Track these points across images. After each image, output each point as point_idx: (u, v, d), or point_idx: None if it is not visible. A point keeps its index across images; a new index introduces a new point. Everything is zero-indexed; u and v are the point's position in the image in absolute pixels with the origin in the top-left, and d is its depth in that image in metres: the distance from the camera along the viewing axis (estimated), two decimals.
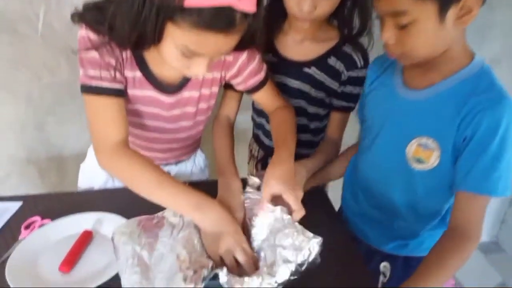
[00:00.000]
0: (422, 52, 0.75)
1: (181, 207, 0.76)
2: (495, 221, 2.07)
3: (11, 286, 0.72)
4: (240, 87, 0.97)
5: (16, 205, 0.98)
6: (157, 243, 0.75)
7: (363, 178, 0.99)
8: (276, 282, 0.64)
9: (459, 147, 0.77)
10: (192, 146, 1.13)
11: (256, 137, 1.28)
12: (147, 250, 0.73)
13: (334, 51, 1.03)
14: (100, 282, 0.74)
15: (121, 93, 0.82)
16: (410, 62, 0.80)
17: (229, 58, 0.89)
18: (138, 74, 0.85)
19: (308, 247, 0.67)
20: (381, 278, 0.88)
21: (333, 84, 1.06)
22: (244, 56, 0.90)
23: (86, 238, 0.85)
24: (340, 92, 1.07)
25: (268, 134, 1.19)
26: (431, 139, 0.80)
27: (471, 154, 0.75)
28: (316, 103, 1.09)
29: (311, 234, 0.69)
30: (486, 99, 0.74)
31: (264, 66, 0.95)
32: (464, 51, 0.78)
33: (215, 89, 0.96)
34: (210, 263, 0.68)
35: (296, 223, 0.72)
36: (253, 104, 1.23)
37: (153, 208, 0.74)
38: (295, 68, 1.05)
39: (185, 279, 0.64)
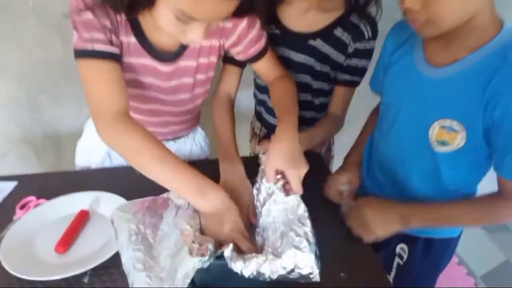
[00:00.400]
0: (449, 19, 0.68)
1: (182, 189, 0.69)
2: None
3: (6, 267, 0.70)
4: (240, 57, 0.92)
5: (11, 185, 0.95)
6: (161, 223, 0.72)
7: (382, 159, 0.94)
8: (281, 265, 0.62)
9: (490, 128, 0.71)
10: (191, 121, 1.09)
11: (258, 115, 1.24)
12: (151, 229, 0.70)
13: (341, 22, 0.97)
14: (97, 263, 0.71)
15: (117, 58, 0.77)
16: (433, 33, 0.72)
17: (228, 25, 0.85)
18: (133, 40, 0.81)
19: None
20: (397, 260, 0.85)
21: (339, 57, 1.00)
22: (244, 23, 0.85)
23: (82, 218, 0.83)
24: (346, 65, 1.01)
25: (271, 111, 1.15)
26: (455, 121, 0.74)
27: (505, 139, 0.70)
28: (321, 77, 1.04)
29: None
30: None
31: (264, 34, 0.90)
32: (492, 20, 0.71)
33: (214, 58, 0.92)
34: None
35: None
36: (255, 80, 1.18)
37: (152, 187, 0.71)
38: (299, 41, 1.00)
39: (191, 252, 0.61)
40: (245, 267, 0.60)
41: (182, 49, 0.86)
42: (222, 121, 0.97)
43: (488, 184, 0.84)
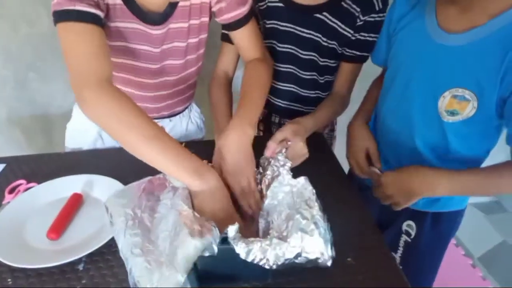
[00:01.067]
0: None
1: (178, 171, 0.65)
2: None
3: None
4: (222, 17, 0.87)
5: None
6: (158, 205, 0.69)
7: (388, 134, 0.90)
8: (287, 250, 0.58)
9: (504, 98, 0.68)
10: (185, 93, 1.04)
11: None
12: (148, 212, 0.67)
13: None
14: (92, 249, 0.68)
15: (100, 22, 0.70)
16: None
17: None
18: (119, 1, 0.76)
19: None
20: (403, 238, 0.83)
21: (347, 31, 0.95)
22: None
23: (75, 202, 0.78)
24: (354, 39, 0.96)
25: (271, 91, 1.10)
26: (467, 91, 0.71)
27: None
28: (327, 54, 0.99)
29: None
30: None
31: (250, 2, 0.87)
32: None
33: (205, 18, 0.89)
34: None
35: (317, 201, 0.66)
36: None
37: (147, 169, 0.67)
38: (305, 14, 0.94)
39: (192, 234, 0.57)
40: (249, 251, 0.57)
41: (171, 10, 0.82)
42: (218, 99, 0.95)
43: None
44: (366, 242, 0.74)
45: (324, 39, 0.96)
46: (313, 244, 0.59)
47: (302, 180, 0.68)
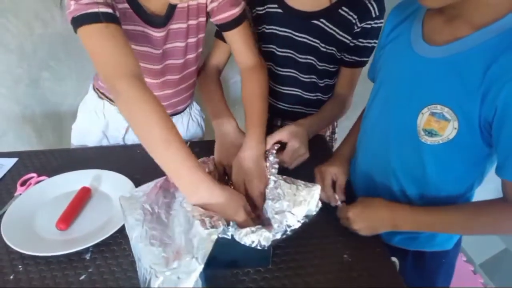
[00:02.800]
0: None
1: (178, 181, 0.68)
2: (499, 188, 2.03)
3: (7, 243, 0.69)
4: (215, 18, 0.90)
5: (11, 161, 0.94)
6: (173, 203, 0.72)
7: (365, 148, 0.87)
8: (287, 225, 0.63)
9: (489, 120, 0.62)
10: (186, 93, 1.07)
11: None
12: (165, 209, 0.70)
13: (346, 0, 0.94)
14: (99, 239, 0.71)
15: (119, 22, 0.73)
16: (437, 3, 0.63)
17: None
18: (126, 5, 0.80)
19: (309, 197, 0.66)
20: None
21: (345, 38, 0.97)
22: None
23: (84, 195, 0.82)
24: (353, 46, 0.98)
25: (271, 94, 1.12)
26: (446, 108, 0.65)
27: (509, 135, 0.60)
28: (326, 59, 1.01)
29: (309, 184, 0.69)
30: None
31: (243, 4, 0.89)
32: None
33: (202, 18, 0.92)
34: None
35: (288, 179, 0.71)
36: None
37: (154, 166, 0.69)
38: (302, 20, 0.97)
39: (203, 225, 0.60)
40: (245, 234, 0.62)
41: (171, 12, 0.86)
42: (210, 88, 1.00)
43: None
44: (362, 240, 0.75)
45: (323, 45, 0.98)
46: (294, 218, 0.64)
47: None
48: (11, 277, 0.66)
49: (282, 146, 0.86)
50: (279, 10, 0.97)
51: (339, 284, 0.67)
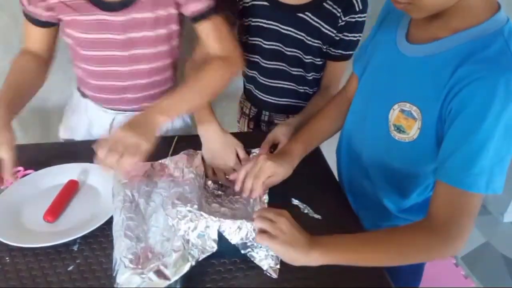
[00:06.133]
0: (432, 1, 0.60)
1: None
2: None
3: None
4: (184, 9, 0.90)
5: None
6: (154, 193, 0.74)
7: (347, 142, 0.89)
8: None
9: (445, 121, 0.63)
10: (163, 86, 1.06)
11: (247, 93, 1.23)
12: (144, 198, 0.72)
13: None
14: (86, 231, 0.72)
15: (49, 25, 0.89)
16: (419, 15, 0.64)
17: None
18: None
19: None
20: None
21: (330, 31, 0.99)
22: None
23: (71, 188, 0.82)
24: (338, 39, 1.01)
25: (261, 88, 1.14)
26: (414, 107, 0.67)
27: (454, 136, 0.61)
28: (312, 52, 1.03)
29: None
30: (487, 67, 0.58)
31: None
32: (485, 2, 0.62)
33: (173, 11, 0.90)
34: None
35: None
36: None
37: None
38: (288, 13, 0.99)
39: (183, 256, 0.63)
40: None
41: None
42: None
43: None
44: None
45: (308, 38, 1.00)
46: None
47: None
48: None
49: (274, 145, 0.92)
50: (265, 3, 0.99)
51: (322, 276, 0.69)
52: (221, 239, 0.65)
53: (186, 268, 0.62)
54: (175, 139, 0.97)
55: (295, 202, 0.83)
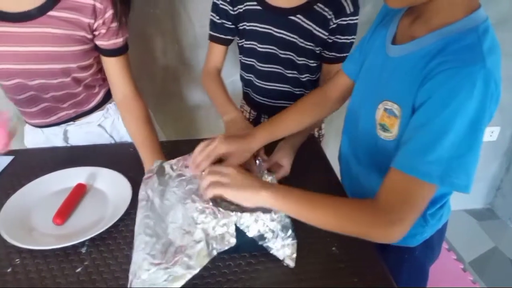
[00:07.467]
0: None
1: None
2: (490, 188, 2.08)
3: (5, 237, 0.71)
4: (101, 41, 0.92)
5: (7, 159, 0.96)
6: (167, 192, 0.74)
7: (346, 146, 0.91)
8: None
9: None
10: (86, 104, 1.06)
11: (246, 96, 1.24)
12: (158, 197, 0.73)
13: None
14: (94, 233, 0.73)
15: None
16: (400, 3, 0.65)
17: (100, 5, 0.88)
18: None
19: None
20: None
21: (321, 33, 1.00)
22: (111, 11, 0.90)
23: (80, 191, 0.83)
24: (332, 42, 1.01)
25: (257, 91, 1.16)
26: (395, 105, 0.68)
27: (414, 123, 0.62)
28: (305, 54, 1.04)
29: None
30: (455, 59, 0.58)
31: (126, 36, 0.96)
32: (466, 0, 0.62)
33: (82, 32, 0.89)
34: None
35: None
36: (240, 61, 1.18)
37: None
38: (280, 16, 1.00)
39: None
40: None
41: (37, 13, 0.85)
42: (212, 88, 1.06)
43: None
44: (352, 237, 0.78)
45: (301, 40, 1.01)
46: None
47: None
48: (9, 270, 0.68)
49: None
50: (258, 7, 1.01)
51: (327, 274, 0.70)
52: (237, 232, 0.66)
53: (209, 258, 0.62)
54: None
55: None
